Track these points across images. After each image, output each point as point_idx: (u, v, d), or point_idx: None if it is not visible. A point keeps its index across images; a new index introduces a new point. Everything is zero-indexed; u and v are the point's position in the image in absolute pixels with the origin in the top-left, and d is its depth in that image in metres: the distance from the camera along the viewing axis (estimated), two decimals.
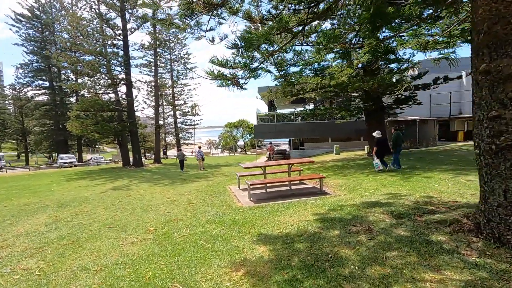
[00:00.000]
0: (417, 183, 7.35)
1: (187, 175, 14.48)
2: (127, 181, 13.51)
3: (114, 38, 23.85)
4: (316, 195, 7.20)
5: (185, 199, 7.75)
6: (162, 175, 15.82)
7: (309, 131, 24.96)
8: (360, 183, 8.29)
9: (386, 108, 15.23)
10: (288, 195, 7.61)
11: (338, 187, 8.07)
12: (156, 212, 6.51)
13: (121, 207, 7.33)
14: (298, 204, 6.22)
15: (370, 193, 6.59)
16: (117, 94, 25.72)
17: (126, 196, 8.98)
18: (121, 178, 15.52)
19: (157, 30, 30.28)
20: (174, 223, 5.47)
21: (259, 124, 25.70)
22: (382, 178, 8.83)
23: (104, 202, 8.21)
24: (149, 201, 7.96)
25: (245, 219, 5.22)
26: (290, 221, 4.83)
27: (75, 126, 22.91)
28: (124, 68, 24.20)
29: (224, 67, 4.78)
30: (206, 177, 12.94)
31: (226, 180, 11.26)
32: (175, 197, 8.28)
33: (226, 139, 55.62)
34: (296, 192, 7.91)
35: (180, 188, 9.90)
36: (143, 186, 11.22)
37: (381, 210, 4.66)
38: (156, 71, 29.08)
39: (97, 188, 11.70)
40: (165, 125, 55.06)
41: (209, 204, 6.92)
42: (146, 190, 10.04)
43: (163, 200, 7.96)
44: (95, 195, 9.73)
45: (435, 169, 9.43)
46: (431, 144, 18.55)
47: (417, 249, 3.01)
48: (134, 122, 24.16)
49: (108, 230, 5.31)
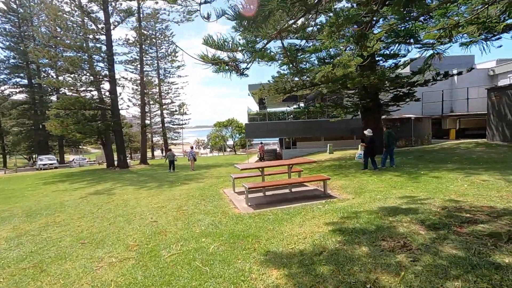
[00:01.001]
0: (429, 184, 6.76)
1: (175, 177, 13.54)
2: (110, 184, 12.46)
3: (96, 32, 22.51)
4: (321, 199, 6.50)
5: (174, 205, 6.89)
6: (149, 177, 14.81)
7: (301, 130, 24.36)
8: (365, 184, 7.65)
9: (383, 105, 14.74)
10: (290, 199, 6.88)
11: (342, 189, 7.40)
12: (140, 222, 5.63)
13: (101, 216, 6.40)
14: (303, 210, 5.49)
15: (382, 196, 5.94)
16: (100, 92, 24.35)
17: (107, 202, 8.02)
18: (104, 180, 14.41)
19: (142, 26, 29.03)
20: (162, 236, 4.63)
21: (250, 123, 24.90)
22: (387, 178, 8.23)
23: (82, 210, 7.24)
24: (133, 208, 7.05)
25: (247, 231, 4.45)
26: (301, 232, 4.09)
27: (54, 126, 21.50)
28: (107, 64, 22.88)
29: (221, 50, 3.97)
30: (197, 179, 12.06)
31: (219, 182, 10.44)
32: (163, 202, 7.40)
33: (215, 138, 54.52)
34: (298, 195, 7.18)
35: (168, 192, 9.01)
36: (127, 190, 10.25)
37: (408, 219, 3.98)
38: (142, 67, 27.81)
39: (76, 192, 10.63)
40: (152, 125, 53.49)
41: (202, 211, 6.09)
42: (130, 195, 9.10)
43: (149, 206, 7.07)
44: (72, 201, 8.71)
45: (441, 168, 8.92)
46: (426, 142, 18.28)
47: (487, 277, 2.33)
48: (118, 121, 22.91)
49: (82, 246, 4.42)
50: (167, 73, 54.04)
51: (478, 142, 14.83)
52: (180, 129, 57.31)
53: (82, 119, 21.77)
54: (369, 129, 10.19)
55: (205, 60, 4.12)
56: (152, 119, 54.50)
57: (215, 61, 4.03)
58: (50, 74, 39.83)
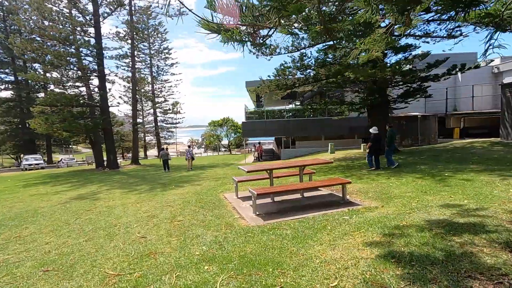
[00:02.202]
0: (465, 189, 5.82)
1: (169, 179, 12.41)
2: (96, 187, 11.27)
3: (84, 24, 21.14)
4: (341, 206, 5.50)
5: (168, 214, 5.80)
6: (140, 178, 13.64)
7: (301, 129, 23.41)
8: (387, 188, 6.69)
9: (390, 102, 13.86)
10: (304, 206, 5.86)
11: (362, 194, 6.41)
12: (125, 237, 4.54)
13: (77, 229, 5.27)
14: (327, 222, 4.47)
15: (418, 204, 4.96)
16: (89, 88, 22.99)
17: (89, 210, 6.88)
18: (90, 182, 13.18)
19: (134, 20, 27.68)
20: (151, 260, 3.55)
21: (247, 121, 23.84)
22: (409, 181, 7.29)
23: (56, 220, 6.09)
24: (118, 217, 5.94)
25: (263, 254, 3.40)
26: (338, 258, 3.06)
27: (39, 124, 20.12)
28: (96, 58, 21.55)
29: (232, 16, 2.92)
30: (192, 181, 10.96)
31: (217, 185, 9.37)
32: (154, 210, 6.30)
33: (210, 138, 53.27)
34: (313, 201, 6.17)
35: (160, 197, 7.90)
36: (114, 194, 9.10)
37: (483, 240, 2.99)
38: (134, 63, 26.48)
39: (56, 197, 9.43)
40: (145, 124, 51.96)
41: (201, 223, 5.02)
42: (117, 200, 7.96)
43: (137, 215, 5.97)
44: (48, 208, 7.53)
45: (466, 170, 8.02)
46: (433, 141, 17.48)
47: None
48: (107, 118, 21.59)
49: (43, 277, 3.31)
50: (160, 70, 52.61)
51: (491, 141, 14.05)
52: (173, 129, 55.92)
53: (69, 117, 20.40)
54: (374, 127, 9.75)
55: (210, 27, 3.06)
56: (145, 118, 52.99)
57: (223, 29, 2.97)
58: (38, 70, 38.10)
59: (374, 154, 9.69)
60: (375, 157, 9.73)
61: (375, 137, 9.60)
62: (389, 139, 9.90)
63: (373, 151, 9.69)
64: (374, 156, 9.72)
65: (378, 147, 9.73)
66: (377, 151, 9.70)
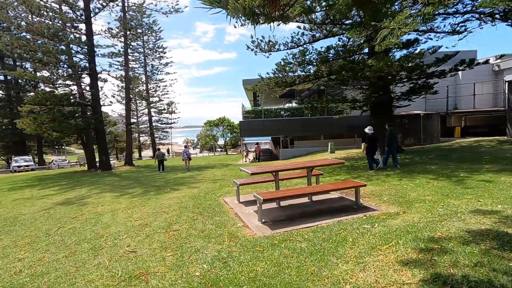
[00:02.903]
0: (489, 191, 5.30)
1: (164, 181, 11.74)
2: (86, 191, 10.56)
3: (74, 20, 20.31)
4: (356, 212, 4.94)
5: (162, 223, 5.17)
6: (133, 180, 12.94)
7: (299, 128, 22.87)
8: (402, 191, 6.14)
9: (394, 99, 13.37)
10: (314, 212, 5.28)
11: (375, 197, 5.87)
12: (112, 252, 3.90)
13: (58, 241, 4.62)
14: (345, 231, 3.90)
15: (445, 210, 4.41)
16: (80, 86, 22.16)
17: (74, 217, 6.20)
18: (79, 185, 12.44)
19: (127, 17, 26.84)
20: (142, 283, 2.93)
21: (245, 121, 23.20)
22: (424, 182, 6.76)
23: (37, 230, 5.42)
24: (106, 226, 5.28)
25: (277, 276, 2.80)
26: (372, 283, 2.48)
27: (27, 124, 19.25)
28: (87, 56, 20.72)
29: None
30: (189, 184, 10.32)
31: (216, 188, 8.74)
32: (147, 217, 5.66)
33: (206, 138, 52.50)
34: (323, 206, 5.60)
35: (154, 202, 7.25)
36: (104, 199, 8.41)
37: None
38: (127, 60, 25.64)
39: (41, 202, 8.72)
40: (139, 124, 51.03)
41: (200, 233, 4.41)
42: (106, 205, 7.28)
43: (127, 224, 5.32)
44: (30, 214, 6.84)
45: (482, 170, 7.53)
46: (435, 140, 17.06)
47: None
48: (99, 118, 20.77)
49: None
50: (154, 69, 51.74)
51: (498, 139, 13.63)
52: (168, 129, 55.02)
53: (59, 116, 19.56)
54: (369, 127, 9.49)
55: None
56: (139, 118, 52.07)
57: None
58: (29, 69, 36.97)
59: (370, 155, 9.45)
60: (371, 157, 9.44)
61: (371, 137, 9.38)
62: (389, 138, 9.60)
63: (370, 151, 9.43)
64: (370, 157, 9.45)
65: (375, 147, 9.47)
66: (374, 151, 9.44)
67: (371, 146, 9.40)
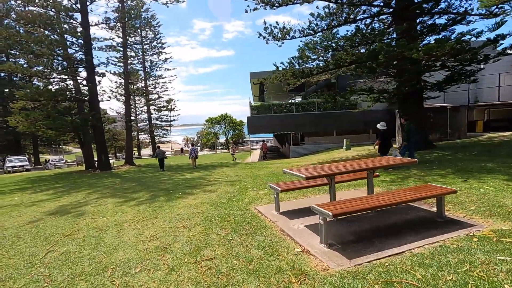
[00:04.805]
0: None
1: (172, 183, 10.39)
2: (83, 195, 9.19)
3: (69, 10, 18.80)
4: (450, 228, 3.65)
5: (187, 245, 3.83)
6: (136, 182, 11.58)
7: (311, 124, 21.56)
8: (488, 197, 4.83)
9: (426, 89, 12.07)
10: (386, 226, 3.98)
11: (456, 205, 4.57)
12: None
13: (44, 277, 3.26)
14: (472, 267, 2.58)
15: None
16: (76, 81, 20.71)
17: (69, 234, 4.85)
18: (76, 188, 11.07)
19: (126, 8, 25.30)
20: None
21: (253, 116, 21.83)
22: (502, 185, 5.45)
23: (17, 255, 4.07)
24: (110, 249, 3.94)
25: None
26: None
27: (20, 121, 17.85)
28: (84, 47, 19.24)
29: None
30: (202, 186, 8.97)
31: (237, 192, 7.39)
32: (163, 235, 4.32)
33: (207, 135, 51.05)
34: (392, 218, 4.28)
35: (167, 211, 5.90)
36: (105, 206, 7.06)
37: None
38: (126, 53, 24.15)
39: (30, 210, 7.35)
40: (138, 122, 49.51)
41: (248, 266, 3.07)
42: (109, 216, 5.93)
43: (139, 246, 3.98)
44: (14, 230, 5.47)
45: None
46: (462, 135, 15.78)
47: None
48: (97, 114, 19.33)
49: None
50: (153, 66, 50.19)
51: None
52: (168, 127, 53.53)
53: (53, 113, 18.15)
54: (382, 122, 8.94)
55: None
56: (138, 116, 50.54)
57: None
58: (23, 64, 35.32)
59: (382, 153, 8.88)
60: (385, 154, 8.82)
61: (384, 133, 8.82)
62: (407, 134, 9.01)
63: (383, 149, 8.88)
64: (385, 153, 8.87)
65: (389, 144, 8.95)
66: (388, 149, 8.93)
67: (384, 143, 8.87)
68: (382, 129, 8.81)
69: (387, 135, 8.86)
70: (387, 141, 8.91)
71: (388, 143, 8.94)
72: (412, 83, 10.82)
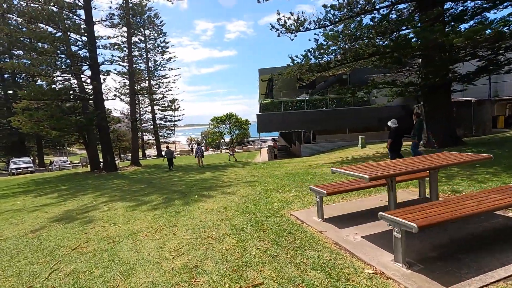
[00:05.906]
0: None
1: (184, 184, 9.67)
2: (90, 198, 8.50)
3: (72, 6, 18.18)
4: None
5: (222, 263, 3.09)
6: (146, 184, 10.89)
7: (324, 121, 20.78)
8: None
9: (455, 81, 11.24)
10: (470, 238, 3.21)
11: None
12: None
13: None
14: None
15: None
16: (80, 79, 20.11)
17: (76, 247, 4.14)
18: (82, 191, 10.40)
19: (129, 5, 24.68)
20: None
21: (262, 114, 21.07)
22: None
23: (15, 275, 3.36)
24: (128, 269, 3.21)
25: None
26: None
27: (23, 121, 17.27)
28: (88, 45, 18.61)
29: None
30: (218, 188, 8.24)
31: (261, 194, 6.63)
32: (190, 249, 3.59)
33: (212, 135, 50.38)
34: (470, 229, 3.50)
35: (187, 217, 5.17)
36: (115, 211, 6.35)
37: None
38: (130, 51, 23.50)
39: (33, 216, 6.67)
40: (142, 122, 48.97)
41: None
42: (120, 224, 5.22)
43: (163, 265, 3.25)
44: (13, 241, 4.78)
45: None
46: (488, 131, 14.91)
47: None
48: (102, 114, 18.70)
49: None
50: (157, 65, 49.55)
51: None
52: (173, 127, 52.94)
53: (57, 112, 17.55)
54: (393, 120, 8.44)
55: None
56: (142, 116, 50.00)
57: None
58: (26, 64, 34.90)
59: (394, 152, 8.31)
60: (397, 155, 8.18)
61: (395, 132, 8.26)
62: (418, 130, 8.64)
63: (394, 147, 8.32)
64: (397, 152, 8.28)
65: (400, 143, 8.42)
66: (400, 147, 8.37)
67: (396, 141, 8.35)
68: (393, 127, 8.30)
69: (398, 133, 8.33)
70: (398, 140, 8.37)
71: (399, 142, 8.39)
72: (443, 74, 10.01)
